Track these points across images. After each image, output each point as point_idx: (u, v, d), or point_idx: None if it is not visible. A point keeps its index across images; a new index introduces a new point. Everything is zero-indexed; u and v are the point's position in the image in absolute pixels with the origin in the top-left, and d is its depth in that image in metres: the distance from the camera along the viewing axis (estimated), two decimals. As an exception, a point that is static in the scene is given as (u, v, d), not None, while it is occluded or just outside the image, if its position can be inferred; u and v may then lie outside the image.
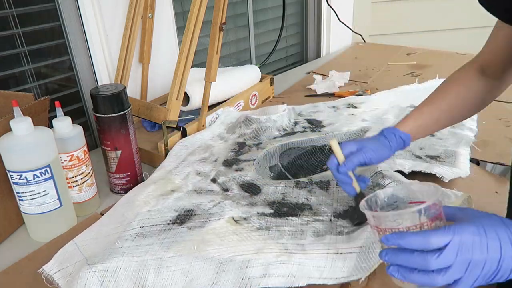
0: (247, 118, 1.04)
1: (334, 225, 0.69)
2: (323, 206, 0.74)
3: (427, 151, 0.90)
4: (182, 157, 0.92)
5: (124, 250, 0.64)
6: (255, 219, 0.71)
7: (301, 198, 0.77)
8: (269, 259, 0.60)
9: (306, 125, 1.07)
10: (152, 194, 0.79)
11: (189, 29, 0.91)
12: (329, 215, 0.72)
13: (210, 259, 0.61)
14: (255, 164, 0.88)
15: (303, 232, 0.67)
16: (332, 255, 0.60)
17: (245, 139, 0.99)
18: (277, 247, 0.62)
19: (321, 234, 0.67)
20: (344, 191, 0.67)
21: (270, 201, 0.76)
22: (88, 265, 0.61)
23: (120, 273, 0.60)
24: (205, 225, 0.69)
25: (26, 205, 0.70)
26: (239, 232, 0.67)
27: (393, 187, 0.66)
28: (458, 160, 0.86)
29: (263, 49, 1.67)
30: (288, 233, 0.67)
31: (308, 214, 0.72)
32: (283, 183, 0.81)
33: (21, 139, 0.66)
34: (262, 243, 0.64)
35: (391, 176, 0.76)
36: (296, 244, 0.64)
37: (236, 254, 0.62)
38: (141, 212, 0.73)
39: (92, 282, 0.59)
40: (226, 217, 0.71)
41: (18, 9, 0.95)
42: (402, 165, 0.80)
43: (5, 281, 0.64)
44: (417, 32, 1.92)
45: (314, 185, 0.80)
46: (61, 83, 1.07)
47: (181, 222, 0.71)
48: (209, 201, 0.76)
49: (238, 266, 0.60)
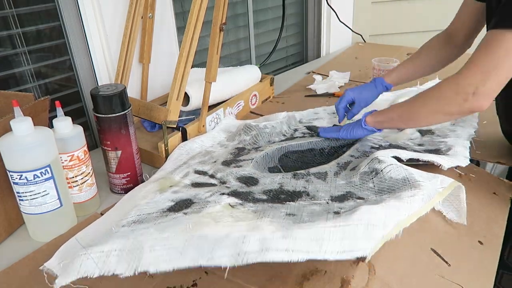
0: (246, 125, 1.04)
1: (331, 206, 0.68)
2: (320, 192, 0.73)
3: (426, 147, 0.90)
4: (182, 160, 0.92)
5: (119, 234, 0.64)
6: (251, 204, 0.70)
7: (298, 187, 0.76)
8: (265, 234, 0.58)
9: (305, 131, 1.07)
10: (150, 190, 0.79)
11: (189, 29, 0.91)
12: (326, 199, 0.71)
13: (205, 236, 0.60)
14: (253, 163, 0.88)
15: (300, 213, 0.66)
16: (329, 228, 0.58)
17: (244, 145, 0.99)
18: (272, 224, 0.61)
19: (317, 214, 0.65)
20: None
21: (267, 190, 0.76)
22: (84, 248, 0.60)
23: (115, 254, 0.60)
24: (201, 211, 0.69)
25: (26, 205, 0.70)
26: (235, 215, 0.66)
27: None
28: (457, 151, 0.85)
29: (263, 49, 1.67)
30: (285, 213, 0.66)
31: (305, 199, 0.71)
32: (280, 175, 0.81)
33: (22, 139, 0.66)
34: (258, 221, 0.63)
35: (388, 161, 0.75)
36: (292, 222, 0.62)
37: (231, 232, 0.60)
38: (139, 204, 0.73)
39: (87, 264, 0.59)
40: (222, 204, 0.70)
41: (18, 9, 0.95)
42: (400, 154, 0.79)
43: (5, 281, 0.64)
44: (417, 32, 1.91)
45: (311, 176, 0.80)
46: (61, 83, 1.07)
47: (178, 210, 0.70)
48: (206, 191, 0.76)
49: (234, 242, 0.58)
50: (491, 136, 0.98)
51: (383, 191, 0.70)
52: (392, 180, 0.71)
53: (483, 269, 0.64)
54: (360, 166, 0.79)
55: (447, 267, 0.64)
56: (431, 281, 0.62)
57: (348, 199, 0.70)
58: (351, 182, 0.76)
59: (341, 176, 0.79)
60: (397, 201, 0.64)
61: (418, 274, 0.63)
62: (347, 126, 0.93)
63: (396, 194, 0.67)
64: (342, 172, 0.81)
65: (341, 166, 0.83)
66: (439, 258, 0.65)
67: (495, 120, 0.97)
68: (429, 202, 0.67)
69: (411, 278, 0.62)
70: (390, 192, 0.69)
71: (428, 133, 0.98)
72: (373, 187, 0.72)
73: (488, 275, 0.64)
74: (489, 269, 0.65)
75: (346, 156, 0.88)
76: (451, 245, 0.68)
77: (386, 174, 0.73)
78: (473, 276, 0.63)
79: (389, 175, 0.72)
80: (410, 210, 0.64)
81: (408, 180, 0.69)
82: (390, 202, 0.64)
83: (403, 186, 0.69)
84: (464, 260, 0.66)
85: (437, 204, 0.72)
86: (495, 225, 0.74)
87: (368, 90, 1.02)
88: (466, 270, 0.64)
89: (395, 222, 0.61)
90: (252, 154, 0.93)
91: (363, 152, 0.89)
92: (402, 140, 0.96)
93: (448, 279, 0.62)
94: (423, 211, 0.65)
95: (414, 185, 0.68)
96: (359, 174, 0.77)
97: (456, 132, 0.96)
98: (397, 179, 0.71)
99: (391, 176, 0.72)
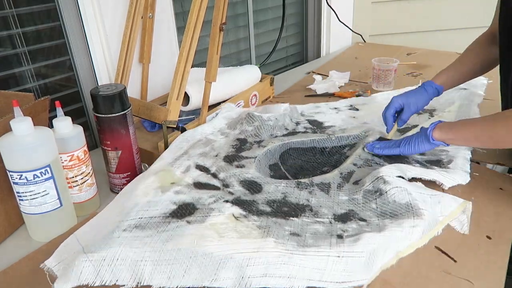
0: (249, 115, 1.03)
1: (334, 227, 0.69)
2: (323, 208, 0.74)
3: (428, 156, 0.90)
4: (183, 149, 0.92)
5: (121, 240, 0.64)
6: (255, 217, 0.71)
7: (301, 199, 0.77)
8: (269, 259, 0.60)
9: (307, 126, 1.07)
10: (151, 185, 0.78)
11: (189, 29, 0.91)
12: (329, 218, 0.72)
13: (210, 254, 0.61)
14: (256, 162, 0.88)
15: (303, 233, 0.67)
16: (333, 258, 0.60)
17: (246, 136, 0.99)
18: (277, 247, 0.62)
19: (320, 235, 0.67)
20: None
21: (271, 200, 0.76)
22: (85, 254, 0.60)
23: (118, 263, 0.60)
24: (205, 220, 0.69)
25: (26, 205, 0.70)
26: (239, 230, 0.67)
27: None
28: (457, 163, 0.86)
29: (263, 49, 1.67)
30: (288, 232, 0.67)
31: (308, 215, 0.72)
32: (284, 182, 0.81)
33: (22, 139, 0.66)
34: (262, 241, 0.64)
35: (393, 183, 0.75)
36: (296, 244, 0.64)
37: (236, 252, 0.61)
38: (140, 202, 0.73)
39: (88, 271, 0.59)
40: (226, 214, 0.71)
41: (18, 9, 0.95)
42: (403, 171, 0.80)
43: (5, 281, 0.64)
44: (417, 32, 1.91)
45: (315, 187, 0.80)
46: (61, 83, 1.07)
47: (181, 216, 0.71)
48: (209, 196, 0.76)
49: (239, 263, 0.59)
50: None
51: (385, 214, 0.71)
52: (395, 204, 0.72)
53: (493, 264, 0.64)
54: (364, 181, 0.79)
55: (453, 264, 0.64)
56: (436, 278, 0.61)
57: (350, 220, 0.71)
58: (354, 200, 0.76)
59: (344, 190, 0.80)
60: (398, 230, 0.66)
61: (422, 272, 0.63)
62: (407, 140, 0.85)
63: (398, 220, 0.68)
64: (345, 185, 0.81)
65: (344, 177, 0.83)
66: (444, 256, 0.66)
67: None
68: (429, 233, 0.69)
69: (415, 276, 0.62)
70: (392, 217, 0.70)
71: None
72: (375, 208, 0.73)
73: (498, 269, 0.63)
74: (498, 263, 0.64)
75: (349, 164, 0.87)
76: (456, 242, 0.68)
77: (390, 197, 0.73)
78: (482, 271, 0.63)
79: (392, 198, 0.73)
80: (410, 241, 0.66)
81: (411, 207, 0.70)
82: (392, 231, 0.65)
83: (406, 212, 0.70)
84: (471, 256, 0.66)
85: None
86: (504, 219, 0.73)
87: (418, 95, 0.95)
88: (474, 266, 0.64)
89: (394, 253, 0.64)
90: (255, 150, 0.92)
91: (365, 160, 0.88)
92: None
93: (455, 275, 0.62)
94: (422, 243, 0.67)
95: (417, 213, 0.69)
96: (363, 191, 0.77)
97: None
98: (400, 204, 0.71)
99: (395, 200, 0.72)
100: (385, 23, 1.92)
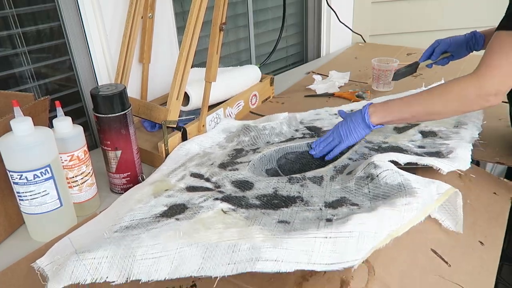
0: (245, 126, 1.03)
1: (324, 213, 0.67)
2: (314, 198, 0.73)
3: (427, 149, 0.89)
4: (180, 162, 0.92)
5: (111, 240, 0.64)
6: (244, 210, 0.70)
7: (293, 192, 0.75)
8: (256, 243, 0.58)
9: (306, 132, 1.06)
10: (146, 193, 0.78)
11: (189, 29, 0.91)
12: (320, 205, 0.70)
13: (196, 244, 0.60)
14: (250, 166, 0.88)
15: (292, 219, 0.66)
16: (320, 239, 0.58)
17: (243, 146, 0.99)
18: (263, 232, 0.61)
19: (309, 221, 0.65)
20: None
21: (261, 194, 0.75)
22: (76, 254, 0.61)
23: (107, 261, 0.60)
24: (193, 217, 0.68)
25: (26, 205, 0.70)
26: (226, 222, 0.66)
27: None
28: (458, 153, 0.84)
29: (263, 49, 1.67)
30: (276, 220, 0.66)
31: (298, 205, 0.71)
32: (276, 179, 0.81)
33: (22, 139, 0.66)
34: (249, 229, 0.63)
35: (384, 166, 0.74)
36: (283, 230, 0.62)
37: (221, 240, 0.60)
38: (134, 208, 0.73)
39: (79, 270, 0.59)
40: (215, 209, 0.70)
41: (18, 9, 0.95)
42: (398, 157, 0.78)
43: (4, 281, 0.64)
44: (417, 32, 1.91)
45: (307, 180, 0.79)
46: (61, 83, 1.07)
47: (171, 215, 0.70)
48: (200, 196, 0.75)
49: (225, 251, 0.58)
50: (491, 136, 0.98)
51: (378, 197, 0.69)
52: (387, 186, 0.70)
53: (484, 269, 0.64)
54: (356, 170, 0.78)
55: (447, 268, 0.64)
56: (431, 282, 0.62)
57: (342, 205, 0.69)
58: (346, 187, 0.75)
59: (336, 181, 0.78)
60: (390, 209, 0.63)
61: (418, 275, 0.63)
62: (346, 130, 0.89)
63: (390, 200, 0.66)
64: (338, 176, 0.80)
65: (338, 170, 0.83)
66: (439, 259, 0.65)
67: (495, 120, 0.98)
68: (423, 211, 0.66)
69: (411, 278, 0.62)
70: (385, 198, 0.68)
71: (430, 135, 0.96)
72: (368, 192, 0.71)
73: (488, 275, 0.64)
74: (489, 270, 0.65)
75: (344, 159, 0.87)
76: (451, 245, 0.68)
77: (382, 179, 0.71)
78: (473, 276, 0.63)
79: (384, 180, 0.71)
80: (403, 220, 0.63)
81: (403, 187, 0.68)
82: (383, 210, 0.63)
83: (398, 192, 0.68)
84: (464, 260, 0.66)
85: (433, 211, 0.71)
86: (496, 225, 0.74)
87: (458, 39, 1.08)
88: (466, 270, 0.64)
89: (387, 233, 0.61)
90: (250, 156, 0.92)
91: (361, 154, 0.88)
92: (403, 141, 0.94)
93: (448, 279, 0.62)
94: (417, 221, 0.65)
95: (409, 192, 0.67)
96: (355, 178, 0.76)
97: (459, 135, 0.94)
98: (392, 185, 0.70)
99: (387, 182, 0.71)
100: (385, 23, 1.92)
